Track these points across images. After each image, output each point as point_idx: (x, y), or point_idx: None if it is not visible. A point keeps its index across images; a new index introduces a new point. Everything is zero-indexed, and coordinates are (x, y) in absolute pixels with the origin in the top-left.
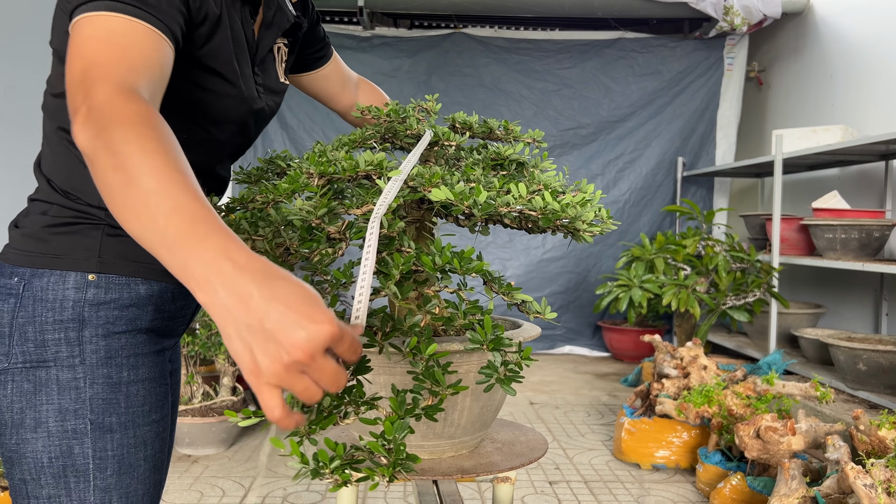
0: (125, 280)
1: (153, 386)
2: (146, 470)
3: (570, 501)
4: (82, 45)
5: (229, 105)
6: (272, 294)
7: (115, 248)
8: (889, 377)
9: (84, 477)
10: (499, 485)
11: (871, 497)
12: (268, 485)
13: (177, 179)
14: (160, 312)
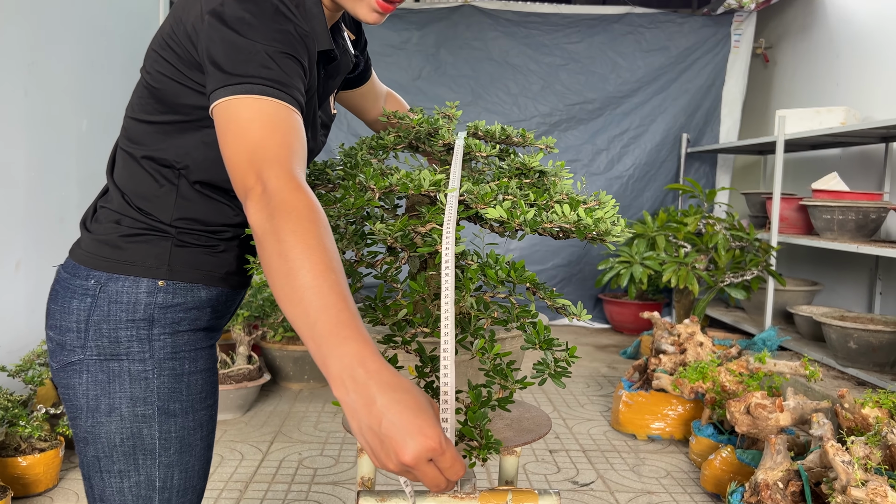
0: (189, 286)
1: (208, 375)
2: (201, 448)
3: (569, 469)
4: (247, 129)
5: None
6: (392, 402)
7: (182, 257)
8: (878, 355)
9: (151, 455)
10: (505, 457)
11: (847, 473)
12: (283, 449)
13: (330, 279)
14: (216, 313)
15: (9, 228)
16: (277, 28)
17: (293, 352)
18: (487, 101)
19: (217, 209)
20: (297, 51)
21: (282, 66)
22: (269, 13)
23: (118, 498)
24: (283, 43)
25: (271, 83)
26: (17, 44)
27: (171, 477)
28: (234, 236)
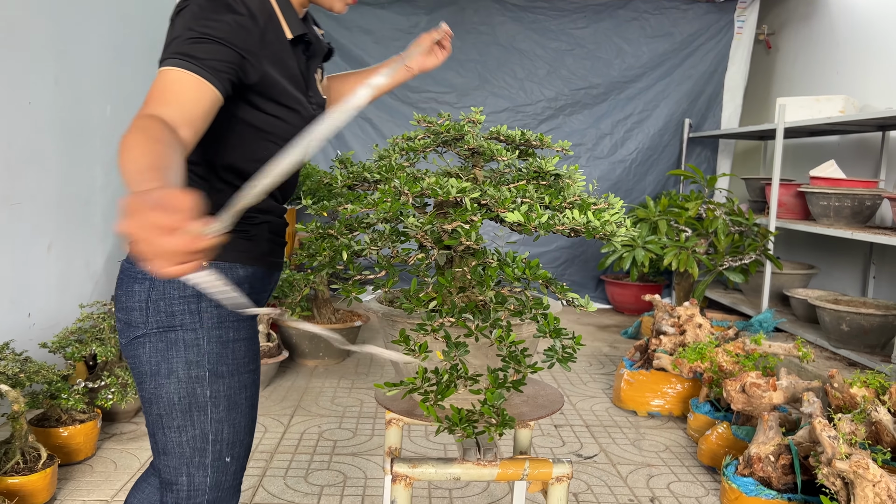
0: (229, 265)
1: (250, 343)
2: (247, 407)
3: (573, 443)
4: (162, 87)
5: (296, 126)
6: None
7: (222, 242)
8: (870, 337)
9: (204, 411)
10: (520, 430)
11: (832, 447)
12: (304, 422)
13: (155, 149)
14: (253, 288)
15: (41, 212)
16: (217, 19)
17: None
18: (494, 86)
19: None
20: (231, 39)
21: (203, 47)
22: (215, 8)
23: (178, 450)
24: (218, 31)
25: (183, 57)
26: (47, 34)
27: (221, 431)
28: (262, 222)
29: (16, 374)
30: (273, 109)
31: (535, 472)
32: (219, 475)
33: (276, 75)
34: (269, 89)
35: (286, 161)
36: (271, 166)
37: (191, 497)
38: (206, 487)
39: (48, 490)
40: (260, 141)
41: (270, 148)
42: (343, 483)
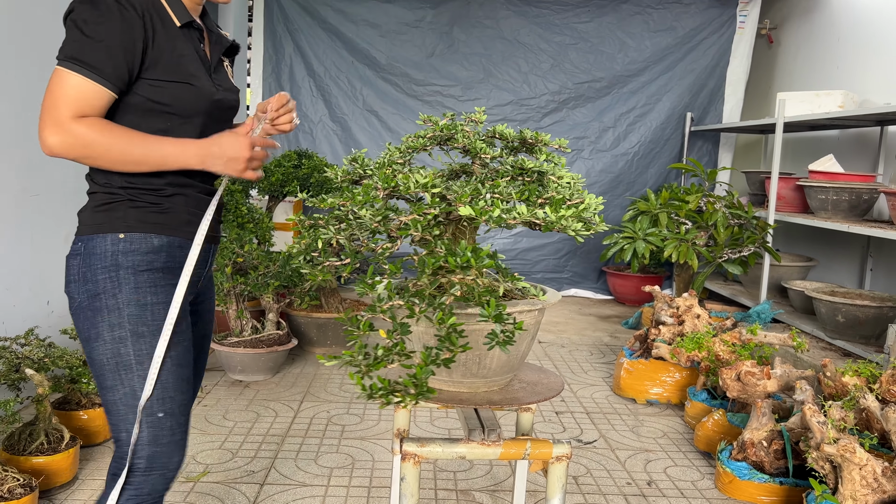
0: (143, 235)
1: (168, 308)
2: (172, 365)
3: (573, 429)
4: (57, 90)
5: (192, 98)
6: (222, 142)
7: (135, 215)
8: (864, 328)
9: (130, 369)
10: (522, 413)
11: (821, 431)
12: (313, 407)
13: (127, 132)
14: (171, 257)
15: (59, 201)
16: (106, 20)
17: (318, 318)
18: (498, 79)
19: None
20: (121, 37)
21: (96, 51)
22: (103, 10)
23: (114, 408)
24: (108, 32)
25: (79, 63)
26: None
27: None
28: (175, 194)
29: (41, 358)
30: (168, 86)
31: (536, 452)
32: (154, 430)
33: (166, 57)
34: (162, 69)
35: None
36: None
37: (132, 452)
38: (144, 442)
39: (71, 470)
40: (159, 114)
41: (171, 119)
42: (352, 465)
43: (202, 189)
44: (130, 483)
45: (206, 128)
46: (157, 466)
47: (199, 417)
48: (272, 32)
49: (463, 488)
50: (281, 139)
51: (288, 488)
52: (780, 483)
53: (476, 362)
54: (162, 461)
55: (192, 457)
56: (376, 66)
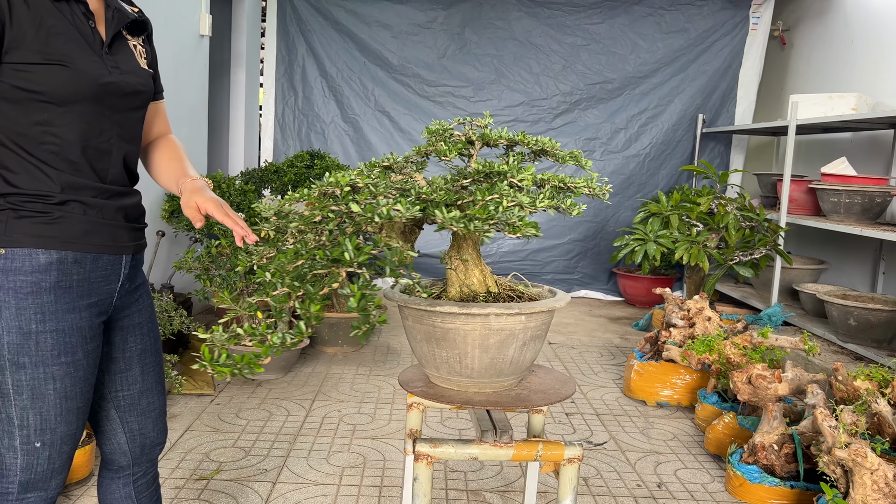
0: (28, 251)
1: (60, 335)
2: (56, 398)
3: (583, 430)
4: None
5: (68, 82)
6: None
7: (20, 227)
8: (876, 332)
9: (7, 398)
10: (534, 415)
11: (833, 435)
12: (324, 407)
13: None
14: (65, 275)
15: None
16: None
17: (329, 318)
18: (510, 80)
19: (28, 171)
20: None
21: None
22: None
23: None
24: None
25: None
26: None
27: (26, 417)
28: (68, 201)
29: None
30: (35, 69)
31: (548, 454)
32: (29, 458)
33: (30, 35)
34: (25, 50)
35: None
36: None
37: (3, 475)
38: (17, 468)
39: (86, 466)
40: (32, 102)
41: (48, 108)
42: (363, 465)
43: (103, 193)
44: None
45: (97, 117)
46: (33, 489)
47: (212, 416)
48: (285, 33)
49: (474, 489)
50: (293, 140)
51: (300, 487)
52: (791, 487)
53: (458, 361)
54: (38, 485)
55: (205, 455)
56: (388, 67)
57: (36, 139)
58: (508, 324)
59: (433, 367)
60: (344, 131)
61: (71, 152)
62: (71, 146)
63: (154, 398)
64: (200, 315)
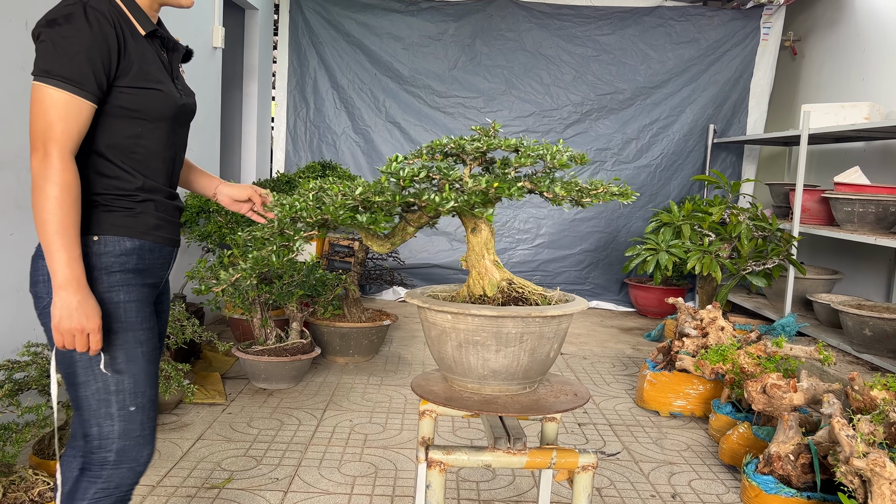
0: (116, 238)
1: (141, 306)
2: (144, 361)
3: (596, 441)
4: (47, 110)
5: (160, 103)
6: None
7: (108, 219)
8: (892, 342)
9: (104, 365)
10: (546, 423)
11: (850, 445)
12: (336, 416)
13: (70, 233)
14: (142, 259)
15: None
16: (78, 32)
17: (340, 328)
18: (521, 91)
19: (118, 174)
20: (94, 48)
21: (73, 63)
22: (75, 23)
23: (85, 404)
24: (81, 44)
25: (59, 77)
26: None
27: (122, 381)
28: (146, 199)
29: None
30: (138, 92)
31: (562, 461)
32: (125, 423)
33: (135, 64)
34: (132, 77)
35: None
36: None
37: (102, 445)
38: (114, 435)
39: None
40: (131, 119)
41: (141, 124)
42: (374, 474)
43: (167, 194)
44: (99, 476)
45: (171, 132)
46: (127, 460)
47: (223, 425)
48: (297, 46)
49: (486, 499)
50: (305, 151)
51: (312, 496)
52: (808, 498)
53: (481, 363)
54: (132, 455)
55: (216, 464)
56: (399, 79)
57: (128, 149)
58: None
59: (449, 370)
60: (355, 142)
61: (153, 160)
62: (153, 155)
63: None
64: (213, 325)
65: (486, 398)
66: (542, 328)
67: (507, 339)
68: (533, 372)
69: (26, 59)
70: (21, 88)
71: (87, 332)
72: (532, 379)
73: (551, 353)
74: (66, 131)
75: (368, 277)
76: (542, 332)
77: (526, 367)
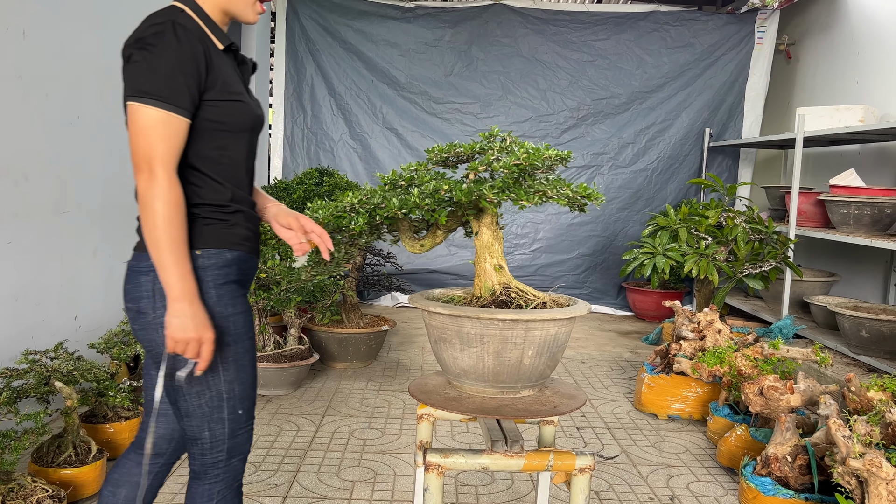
0: (217, 251)
1: (246, 316)
2: (251, 368)
3: (594, 444)
4: (148, 130)
5: (242, 115)
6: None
7: (210, 231)
8: (889, 344)
9: (216, 375)
10: (543, 426)
11: (847, 446)
12: (334, 422)
13: (181, 248)
14: (241, 270)
15: (88, 218)
16: (168, 51)
17: (338, 334)
18: (517, 96)
19: (211, 186)
20: (184, 64)
21: (167, 81)
22: (164, 41)
23: (198, 411)
24: (172, 61)
25: (154, 97)
26: (94, 52)
27: (233, 389)
28: (237, 211)
29: (69, 371)
30: (223, 105)
31: (560, 464)
32: (233, 425)
33: (219, 78)
34: (217, 90)
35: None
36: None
37: (213, 447)
38: (224, 437)
39: (98, 481)
40: (218, 132)
41: (226, 137)
42: (373, 479)
43: (251, 205)
44: (217, 476)
45: (249, 142)
46: (236, 453)
47: None
48: (294, 53)
49: (485, 503)
50: (302, 157)
51: (311, 501)
52: (806, 499)
53: (481, 365)
54: (239, 448)
55: None
56: (396, 85)
57: (215, 160)
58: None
59: (451, 372)
60: (352, 148)
61: (238, 170)
62: (238, 166)
63: None
64: None
65: (485, 400)
66: (504, 332)
67: (469, 339)
68: (505, 376)
69: (23, 67)
70: (18, 97)
71: (202, 343)
72: (507, 384)
73: (524, 360)
74: (168, 149)
75: (366, 283)
76: (504, 336)
77: (494, 371)
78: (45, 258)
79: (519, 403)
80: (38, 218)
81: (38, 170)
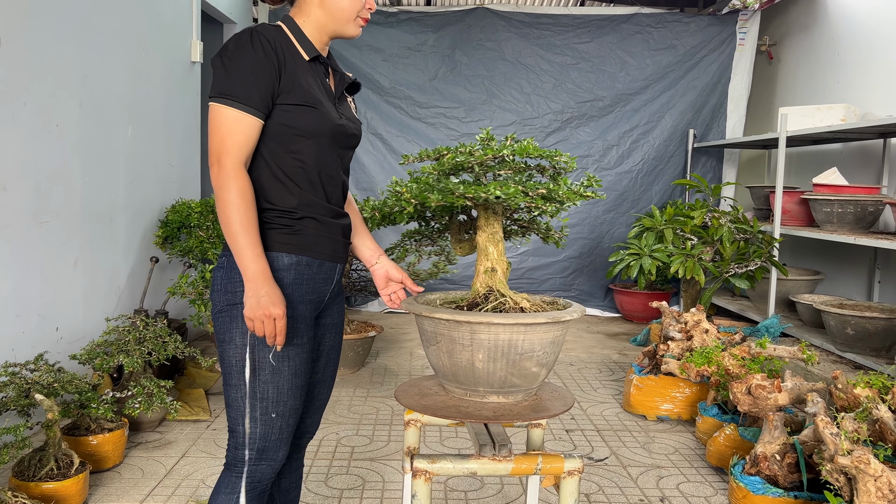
0: (275, 254)
1: (294, 322)
2: (289, 374)
3: (584, 446)
4: (220, 127)
5: (317, 120)
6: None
7: (269, 235)
8: (874, 341)
9: (253, 373)
10: (532, 429)
11: (835, 443)
12: (322, 429)
13: (250, 231)
14: (299, 274)
15: (67, 228)
16: (247, 55)
17: None
18: (501, 100)
19: (280, 190)
20: (261, 68)
21: (243, 84)
22: (244, 47)
23: (235, 404)
24: (250, 65)
25: (231, 97)
26: (72, 60)
27: (266, 391)
28: (304, 217)
29: (50, 383)
30: (296, 109)
31: (548, 467)
32: (266, 428)
33: (296, 84)
34: (293, 94)
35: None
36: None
37: (244, 443)
38: (256, 437)
39: (80, 495)
40: (291, 136)
41: (300, 141)
42: (362, 486)
43: (328, 211)
44: (243, 471)
45: (329, 150)
46: (266, 458)
47: (208, 441)
48: None
49: None
50: None
51: None
52: (795, 497)
53: (471, 369)
54: (270, 454)
55: (201, 481)
56: (380, 90)
57: (288, 164)
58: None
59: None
60: None
61: (311, 175)
62: (311, 170)
63: (324, 390)
64: (196, 341)
65: (473, 405)
66: (452, 332)
67: (427, 337)
68: (462, 377)
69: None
70: (7, 116)
71: (274, 318)
72: (467, 387)
73: (476, 363)
74: (236, 144)
75: (353, 289)
76: (452, 337)
77: (451, 371)
78: (24, 269)
79: (504, 407)
80: (17, 228)
81: (16, 179)
